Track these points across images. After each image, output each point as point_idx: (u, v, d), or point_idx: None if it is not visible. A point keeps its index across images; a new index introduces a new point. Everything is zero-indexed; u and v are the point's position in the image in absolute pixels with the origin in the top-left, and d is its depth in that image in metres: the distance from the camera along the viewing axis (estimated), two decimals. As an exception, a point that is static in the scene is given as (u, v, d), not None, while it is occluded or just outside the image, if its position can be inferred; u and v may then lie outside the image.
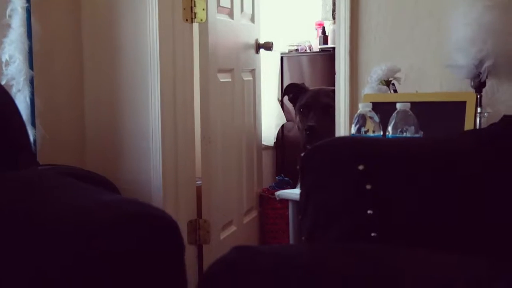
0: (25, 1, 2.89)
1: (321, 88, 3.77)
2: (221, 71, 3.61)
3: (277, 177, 4.47)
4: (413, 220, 1.59)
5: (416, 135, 2.09)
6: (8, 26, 2.89)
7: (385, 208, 1.61)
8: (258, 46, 4.19)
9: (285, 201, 3.60)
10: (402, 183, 1.62)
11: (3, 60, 2.89)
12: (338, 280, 1.33)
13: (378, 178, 1.62)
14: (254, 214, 4.21)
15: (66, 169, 2.91)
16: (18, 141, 1.70)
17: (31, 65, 2.93)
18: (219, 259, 1.49)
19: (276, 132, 4.67)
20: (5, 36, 2.89)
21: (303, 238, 1.72)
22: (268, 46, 4.20)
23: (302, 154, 1.74)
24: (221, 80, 3.61)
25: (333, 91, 3.51)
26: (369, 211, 1.60)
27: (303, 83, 3.96)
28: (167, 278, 1.42)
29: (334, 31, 4.44)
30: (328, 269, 1.38)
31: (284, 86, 4.56)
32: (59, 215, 1.31)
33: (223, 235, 3.66)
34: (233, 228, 3.82)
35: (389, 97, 2.47)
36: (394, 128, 2.09)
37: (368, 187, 1.61)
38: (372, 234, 1.59)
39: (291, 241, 2.81)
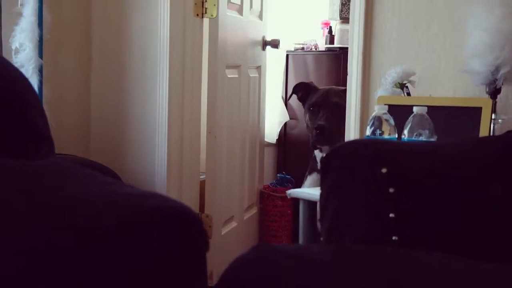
0: (38, -10, 2.88)
1: (331, 88, 3.77)
2: (229, 67, 3.61)
3: (278, 175, 4.48)
4: (435, 225, 1.60)
5: (431, 139, 2.09)
6: (20, 14, 2.89)
7: (408, 212, 1.61)
8: (265, 43, 4.19)
9: (287, 199, 3.60)
10: (425, 187, 1.63)
11: (13, 47, 2.88)
12: (360, 283, 1.33)
13: (401, 182, 1.63)
14: (254, 210, 4.22)
15: (72, 158, 2.90)
16: (41, 130, 1.70)
17: (40, 54, 2.92)
18: (240, 257, 1.49)
19: (279, 130, 4.67)
20: (16, 24, 2.88)
21: (321, 239, 1.72)
22: (275, 44, 4.21)
23: (324, 155, 1.74)
24: (229, 76, 3.61)
25: (343, 91, 3.51)
26: (391, 215, 1.60)
27: (312, 82, 3.96)
28: (189, 274, 1.42)
29: (340, 30, 4.45)
30: (350, 271, 1.38)
31: (289, 84, 4.57)
32: (88, 208, 1.30)
33: (224, 231, 3.66)
34: (233, 224, 3.82)
35: (403, 100, 2.48)
36: (410, 132, 2.10)
37: (391, 190, 1.61)
38: (393, 238, 1.59)
39: (301, 240, 2.81)
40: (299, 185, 3.93)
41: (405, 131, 2.11)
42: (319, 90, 3.74)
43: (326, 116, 3.57)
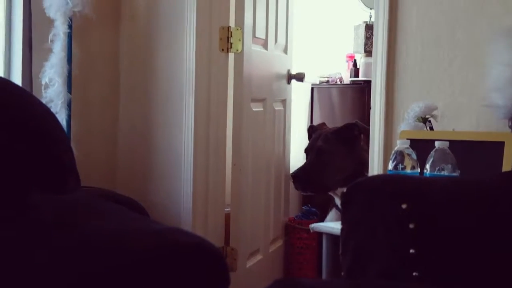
0: (67, 27, 2.95)
1: (324, 131, 3.89)
2: (254, 100, 3.64)
3: (303, 207, 4.49)
4: (456, 261, 1.60)
5: (454, 174, 2.10)
6: (50, 50, 2.95)
7: (428, 248, 1.62)
8: (290, 77, 4.23)
9: (312, 232, 3.61)
10: (446, 223, 1.64)
11: (43, 82, 2.94)
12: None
13: (421, 218, 1.64)
14: (279, 243, 4.22)
15: (98, 191, 2.93)
16: (68, 165, 1.74)
17: (69, 89, 2.98)
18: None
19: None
20: (46, 60, 2.95)
21: (342, 273, 1.73)
22: (299, 77, 4.24)
23: (345, 190, 1.76)
24: (254, 109, 3.64)
25: (333, 132, 3.69)
26: (411, 250, 1.61)
27: (323, 123, 4.04)
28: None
29: (365, 64, 4.48)
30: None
31: (314, 116, 4.62)
32: (116, 244, 1.34)
33: (249, 263, 3.67)
34: (259, 257, 3.83)
35: (426, 134, 2.49)
36: (432, 166, 2.11)
37: (411, 226, 1.62)
38: (414, 274, 1.60)
39: (324, 275, 2.81)
40: (324, 217, 3.95)
41: (427, 166, 2.12)
42: (316, 133, 3.88)
43: (307, 162, 3.79)
